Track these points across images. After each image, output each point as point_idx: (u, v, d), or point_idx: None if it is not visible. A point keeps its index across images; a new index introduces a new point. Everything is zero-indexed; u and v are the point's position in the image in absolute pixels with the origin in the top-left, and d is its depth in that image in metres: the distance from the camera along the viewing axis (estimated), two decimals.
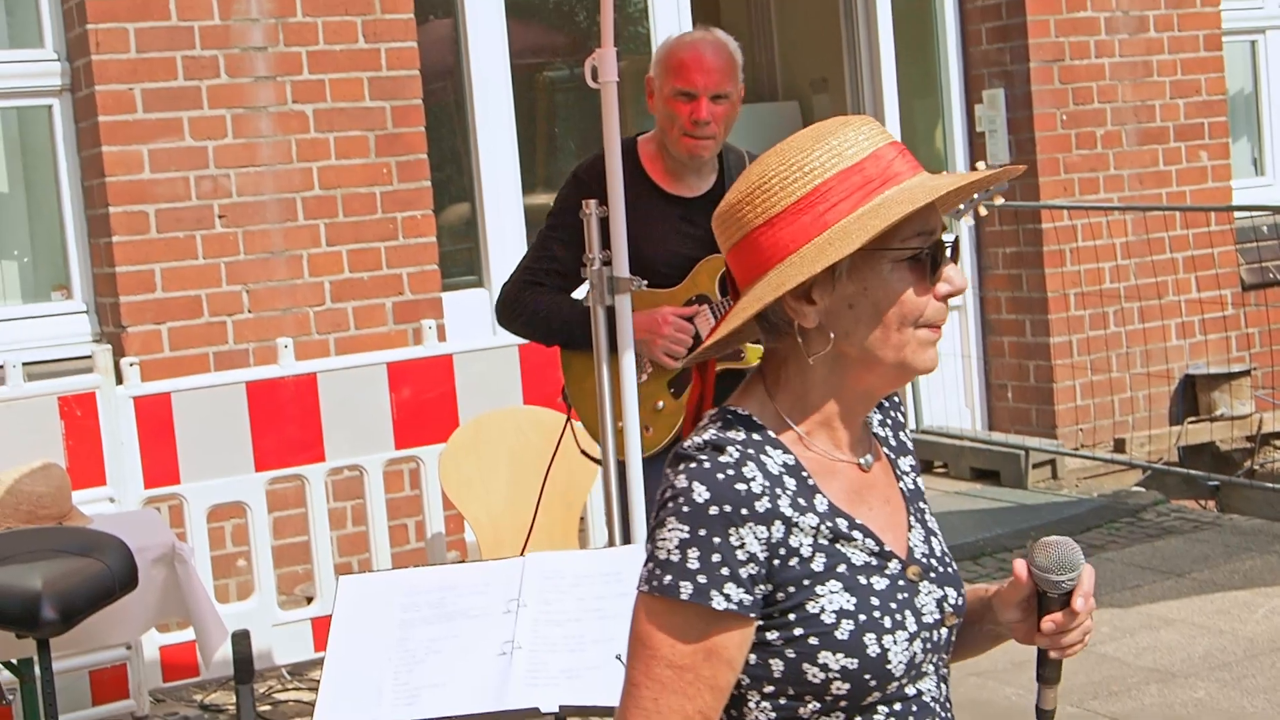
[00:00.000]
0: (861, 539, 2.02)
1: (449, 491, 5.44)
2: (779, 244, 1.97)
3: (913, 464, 2.21)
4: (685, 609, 1.92)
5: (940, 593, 2.09)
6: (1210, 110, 8.87)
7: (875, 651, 1.97)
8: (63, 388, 5.43)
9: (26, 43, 6.63)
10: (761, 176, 1.99)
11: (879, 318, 1.97)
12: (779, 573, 1.95)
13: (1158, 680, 5.43)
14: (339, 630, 3.46)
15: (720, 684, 1.95)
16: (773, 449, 1.99)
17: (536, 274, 4.37)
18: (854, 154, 1.96)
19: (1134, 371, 8.60)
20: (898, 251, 1.95)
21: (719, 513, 1.92)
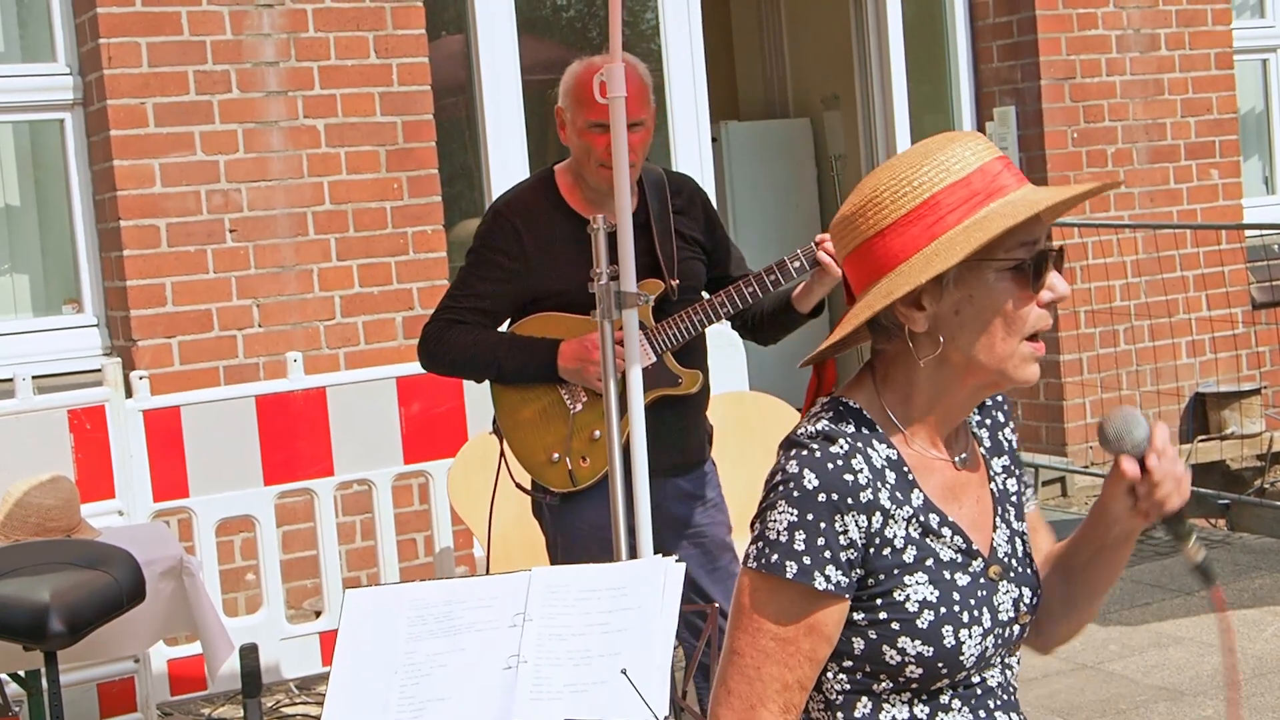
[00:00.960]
0: (950, 536, 2.15)
1: (458, 506, 5.45)
2: (890, 254, 2.08)
3: (1006, 465, 2.30)
4: (790, 587, 2.07)
5: (1017, 592, 2.20)
6: (1221, 129, 8.86)
7: (951, 643, 2.10)
8: (72, 401, 5.44)
9: (39, 57, 6.66)
10: (874, 190, 2.10)
11: (984, 325, 2.08)
12: (873, 560, 2.09)
13: (1166, 699, 5.42)
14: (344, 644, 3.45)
15: (818, 657, 2.11)
16: (878, 443, 2.13)
17: (459, 312, 4.28)
18: (960, 169, 2.07)
19: (1144, 389, 8.59)
20: (1002, 262, 2.06)
21: (826, 500, 2.06)
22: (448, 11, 7.60)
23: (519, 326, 4.31)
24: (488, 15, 7.42)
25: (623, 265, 3.79)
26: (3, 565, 4.26)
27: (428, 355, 4.38)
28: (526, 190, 4.35)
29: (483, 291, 4.28)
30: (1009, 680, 2.24)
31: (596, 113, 4.12)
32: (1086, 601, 2.27)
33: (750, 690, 2.11)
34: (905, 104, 8.69)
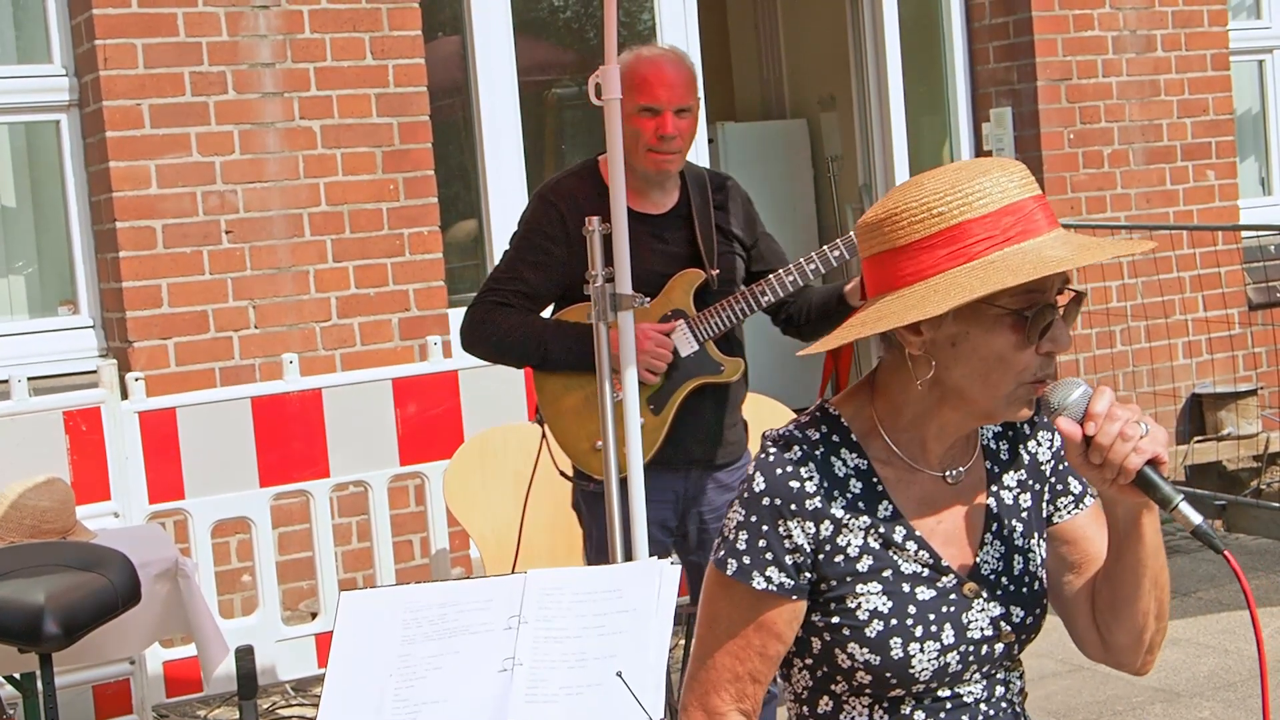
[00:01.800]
0: (915, 550, 2.15)
1: (453, 508, 5.44)
2: (900, 272, 2.07)
3: (1022, 479, 2.25)
4: (733, 584, 2.15)
5: (1000, 611, 2.17)
6: (1218, 130, 8.87)
7: (899, 655, 2.11)
8: (68, 402, 5.44)
9: (35, 58, 6.65)
10: (899, 205, 2.07)
11: (979, 363, 2.07)
12: (824, 566, 2.12)
13: (1163, 700, 5.42)
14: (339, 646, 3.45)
15: (770, 653, 2.16)
16: (848, 451, 2.15)
17: (504, 295, 4.28)
18: (983, 205, 2.03)
19: (1140, 390, 8.59)
20: (1000, 310, 2.04)
21: (770, 504, 2.12)
22: (444, 13, 7.59)
23: (564, 314, 4.32)
24: (484, 16, 7.42)
25: (618, 268, 3.79)
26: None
27: (472, 338, 4.36)
28: (571, 177, 4.36)
29: (527, 277, 4.29)
30: (1000, 697, 2.21)
31: (646, 96, 4.19)
32: (1126, 603, 2.19)
33: (706, 677, 2.19)
34: (902, 105, 8.69)
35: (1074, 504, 2.29)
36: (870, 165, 8.85)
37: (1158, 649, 2.27)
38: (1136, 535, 2.13)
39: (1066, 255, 2.03)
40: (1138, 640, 2.23)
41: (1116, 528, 2.15)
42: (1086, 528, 2.28)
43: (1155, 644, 2.25)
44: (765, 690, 2.19)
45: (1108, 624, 2.23)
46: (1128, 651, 2.25)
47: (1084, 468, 2.07)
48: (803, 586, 2.13)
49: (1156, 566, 2.17)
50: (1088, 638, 2.28)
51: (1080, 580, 2.27)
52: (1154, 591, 2.18)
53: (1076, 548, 2.28)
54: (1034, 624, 2.23)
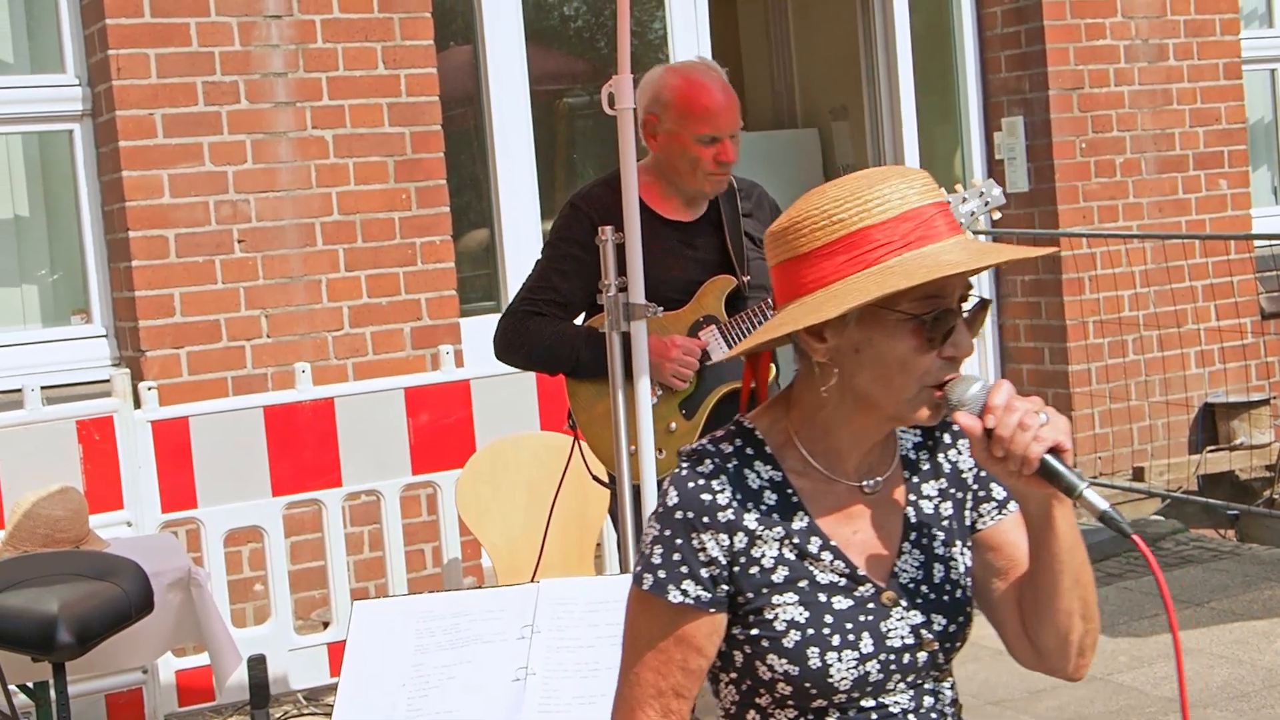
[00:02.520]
0: (831, 560, 2.16)
1: (465, 517, 5.44)
2: (803, 279, 2.10)
3: (943, 488, 2.26)
4: (651, 599, 2.14)
5: (921, 619, 2.18)
6: (1230, 139, 8.85)
7: (817, 665, 2.12)
8: (81, 411, 5.45)
9: (48, 68, 6.67)
10: (803, 214, 2.11)
11: (882, 368, 2.09)
12: (739, 578, 2.13)
13: (1176, 710, 5.40)
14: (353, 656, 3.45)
15: (691, 667, 2.16)
16: (762, 464, 2.17)
17: (537, 304, 4.32)
18: (883, 211, 2.06)
19: (1153, 400, 8.57)
20: (901, 314, 2.06)
21: (683, 518, 2.12)
22: (456, 22, 7.60)
23: (596, 321, 4.33)
24: (496, 26, 7.43)
25: (631, 277, 3.79)
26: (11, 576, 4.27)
27: (505, 347, 4.39)
28: (603, 186, 4.37)
29: (559, 284, 4.33)
30: (930, 708, 2.22)
31: (709, 126, 4.24)
32: (1049, 603, 2.17)
33: (631, 694, 2.18)
34: (913, 114, 8.69)
35: (997, 509, 2.28)
36: None
37: (1090, 651, 2.26)
38: (1050, 530, 2.13)
39: (963, 259, 2.04)
40: (1065, 641, 2.21)
41: (1032, 525, 2.15)
42: (1011, 533, 2.27)
43: (1086, 646, 2.24)
44: (690, 705, 2.19)
45: (1034, 627, 2.23)
46: (1057, 655, 2.23)
47: (988, 462, 2.08)
48: (720, 599, 2.13)
49: (1076, 563, 2.16)
50: (1019, 645, 2.27)
51: (1007, 586, 2.26)
52: (1076, 590, 2.18)
53: (1002, 554, 2.27)
54: (957, 632, 2.22)
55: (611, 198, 4.25)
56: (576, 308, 4.35)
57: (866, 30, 8.86)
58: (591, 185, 4.40)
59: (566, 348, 4.28)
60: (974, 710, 5.54)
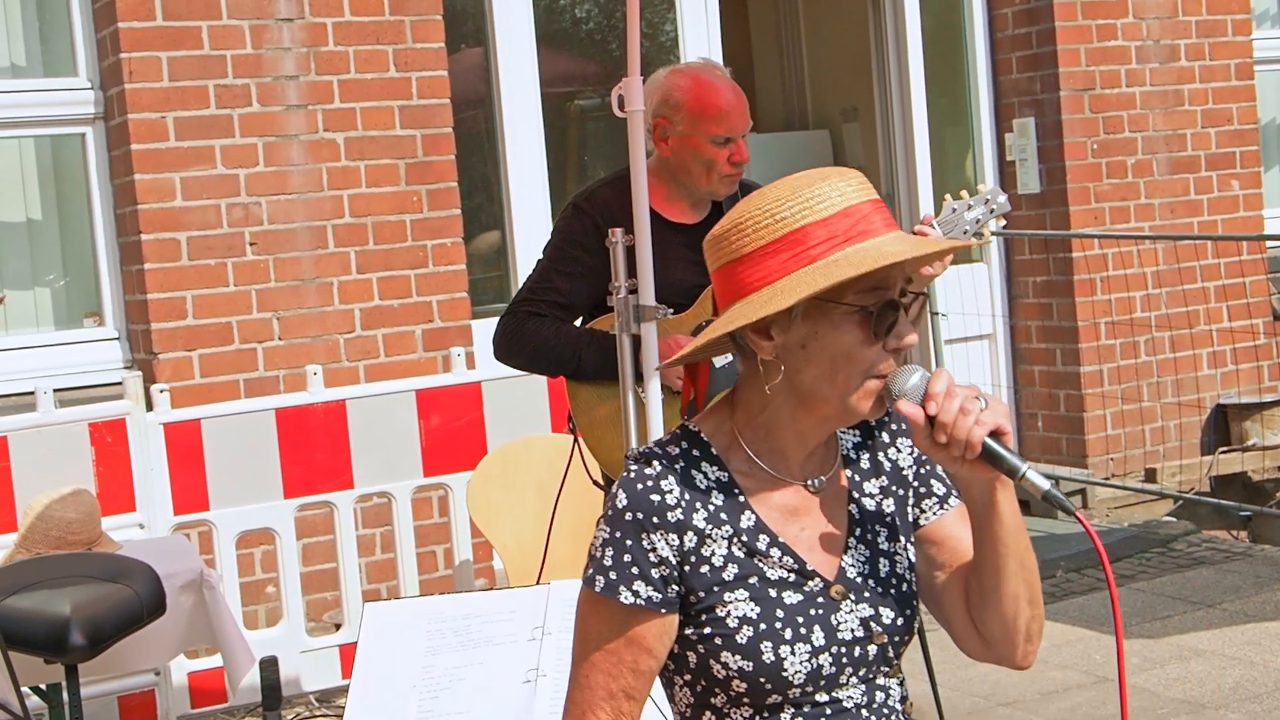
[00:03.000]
0: (779, 556, 2.20)
1: (477, 519, 5.45)
2: (747, 279, 2.15)
3: (884, 485, 2.32)
4: (602, 601, 2.17)
5: (870, 612, 2.22)
6: (1242, 139, 8.84)
7: (770, 659, 2.15)
8: (93, 414, 5.46)
9: (60, 71, 6.69)
10: (743, 215, 2.16)
11: (827, 361, 2.13)
12: (691, 578, 2.16)
13: (1188, 712, 5.40)
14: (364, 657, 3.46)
15: (641, 668, 2.18)
16: (708, 464, 2.21)
17: (538, 305, 4.29)
18: (824, 208, 2.12)
19: (1165, 401, 8.56)
20: (846, 307, 2.11)
21: (633, 519, 2.15)
22: (467, 25, 7.62)
23: (598, 323, 4.32)
24: (507, 28, 7.44)
25: (641, 279, 3.80)
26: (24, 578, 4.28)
27: (505, 348, 4.36)
28: (606, 186, 4.35)
29: (561, 286, 4.30)
30: (881, 703, 2.25)
31: (724, 127, 4.22)
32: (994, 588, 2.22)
33: (582, 697, 2.20)
34: (924, 116, 8.69)
35: (939, 505, 2.33)
36: (893, 176, 8.84)
37: (1037, 638, 2.31)
38: (994, 515, 2.18)
39: (905, 249, 2.10)
40: (1012, 627, 2.26)
41: (976, 512, 2.20)
42: (953, 527, 2.32)
43: (1033, 632, 2.29)
44: (641, 708, 2.21)
45: (981, 615, 2.27)
46: (1004, 642, 2.28)
47: (932, 449, 2.13)
48: (671, 600, 2.16)
49: (1020, 547, 2.22)
50: (966, 636, 2.32)
51: (953, 580, 2.31)
52: (1021, 574, 2.23)
53: (945, 548, 2.31)
54: (905, 625, 2.26)
55: (615, 198, 4.24)
56: (578, 309, 4.33)
57: (877, 31, 8.86)
58: (595, 186, 4.38)
59: (568, 350, 4.25)
60: (985, 712, 5.54)
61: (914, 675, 5.62)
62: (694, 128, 4.21)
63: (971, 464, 2.12)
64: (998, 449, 2.10)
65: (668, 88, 4.26)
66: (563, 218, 4.39)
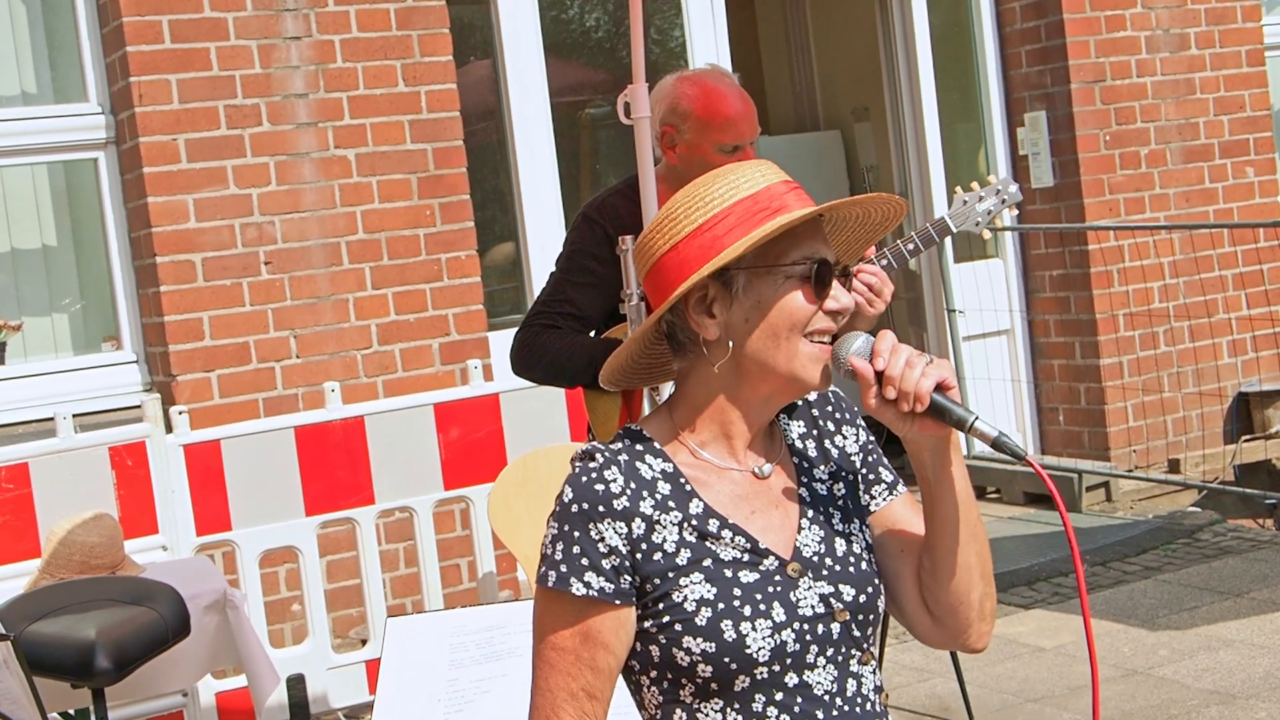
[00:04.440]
0: (732, 537, 2.21)
1: (498, 530, 5.44)
2: (683, 265, 2.20)
3: (834, 470, 2.35)
4: (556, 597, 2.16)
5: (829, 589, 2.22)
6: (1255, 126, 8.82)
7: (732, 637, 2.14)
8: (113, 438, 5.47)
9: (71, 97, 6.72)
10: (669, 209, 2.23)
11: (770, 327, 2.19)
12: (643, 565, 2.16)
13: (1218, 702, 5.38)
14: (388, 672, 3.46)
15: (599, 665, 2.17)
16: (652, 457, 2.23)
17: (553, 318, 4.27)
18: (749, 187, 2.21)
19: (1186, 391, 8.54)
20: (788, 269, 2.18)
21: (579, 510, 2.16)
22: (474, 37, 7.63)
23: (613, 332, 4.31)
24: (514, 39, 7.45)
25: None
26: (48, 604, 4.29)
27: (521, 362, 4.35)
28: (616, 195, 4.35)
29: (574, 297, 4.29)
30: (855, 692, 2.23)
31: (732, 135, 4.19)
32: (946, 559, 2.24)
33: (543, 701, 2.19)
34: (935, 113, 8.68)
35: (887, 491, 2.36)
36: (906, 174, 8.84)
37: (990, 619, 2.32)
38: (946, 478, 2.22)
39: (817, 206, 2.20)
40: (964, 602, 2.27)
41: (927, 479, 2.23)
42: (902, 511, 2.35)
43: (986, 611, 2.30)
44: (605, 709, 2.20)
45: (933, 593, 2.28)
46: (955, 615, 2.28)
47: (881, 409, 2.17)
48: (625, 590, 2.16)
49: (971, 517, 2.25)
50: (918, 618, 2.33)
51: (903, 564, 2.32)
52: (973, 544, 2.25)
53: (895, 532, 2.33)
54: (867, 603, 2.25)
55: (625, 207, 4.23)
56: (592, 320, 4.32)
57: (886, 30, 8.85)
58: (604, 195, 4.37)
59: (584, 360, 4.25)
60: (1014, 708, 5.52)
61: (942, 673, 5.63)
62: (702, 136, 4.19)
63: (921, 420, 2.16)
64: (944, 401, 2.15)
65: (675, 95, 4.24)
66: (574, 228, 4.38)
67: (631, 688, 2.26)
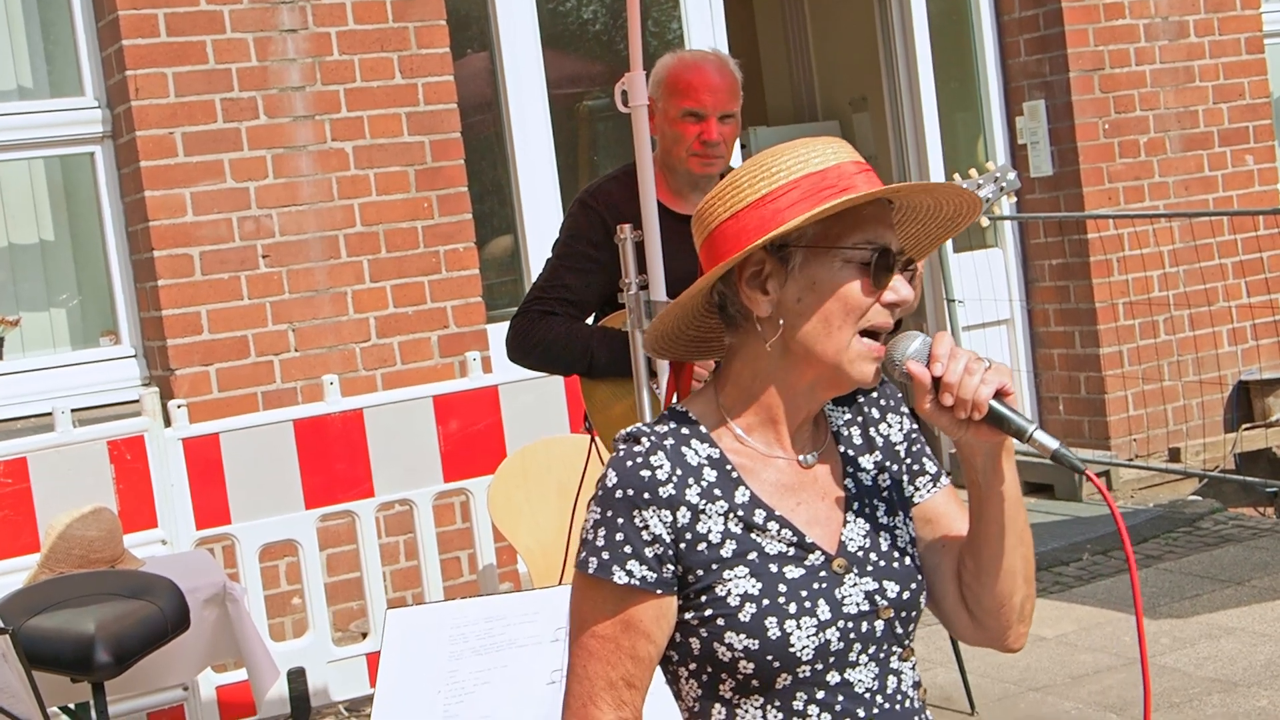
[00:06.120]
0: (778, 529, 2.14)
1: (498, 522, 5.44)
2: (741, 234, 2.12)
3: (878, 461, 2.28)
4: (597, 584, 2.10)
5: (874, 585, 2.17)
6: (1254, 114, 8.80)
7: (776, 635, 2.09)
8: (112, 432, 5.46)
9: (67, 91, 6.70)
10: (734, 177, 2.15)
11: (823, 313, 2.10)
12: (686, 555, 2.10)
13: (1220, 690, 5.37)
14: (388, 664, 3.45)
15: (640, 654, 2.12)
16: (699, 442, 2.16)
17: (549, 304, 4.27)
18: (819, 163, 2.11)
19: (1186, 379, 8.53)
20: (848, 252, 2.09)
21: (623, 496, 2.10)
22: (471, 29, 7.61)
23: (610, 320, 4.31)
24: (511, 31, 7.44)
25: (651, 274, 3.78)
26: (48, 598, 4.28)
27: (518, 348, 4.35)
28: (612, 181, 4.35)
29: (571, 283, 4.29)
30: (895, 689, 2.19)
31: (691, 101, 4.18)
32: (992, 564, 2.19)
33: (581, 689, 2.14)
34: (934, 102, 8.66)
35: (931, 483, 2.30)
36: (905, 164, 8.82)
37: (1029, 619, 2.26)
38: (998, 484, 2.16)
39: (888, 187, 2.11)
40: (1006, 604, 2.22)
41: (978, 483, 2.17)
42: (945, 505, 2.29)
43: (1026, 613, 2.25)
44: (643, 697, 2.15)
45: (975, 593, 2.23)
46: (997, 620, 2.24)
47: (937, 414, 2.09)
48: (667, 580, 2.10)
49: (1020, 521, 2.19)
50: (956, 616, 2.28)
51: (943, 559, 2.27)
52: (1020, 549, 2.20)
53: (937, 526, 2.28)
54: (911, 600, 2.20)
55: (621, 193, 4.22)
56: (589, 306, 4.32)
57: (884, 19, 8.83)
58: (601, 182, 4.37)
59: (579, 348, 4.24)
60: (1016, 697, 5.52)
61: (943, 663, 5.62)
62: (669, 102, 4.23)
63: (977, 427, 2.08)
64: (1003, 409, 2.07)
65: (659, 69, 4.29)
66: (570, 215, 4.38)
67: (669, 678, 2.21)
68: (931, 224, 2.26)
